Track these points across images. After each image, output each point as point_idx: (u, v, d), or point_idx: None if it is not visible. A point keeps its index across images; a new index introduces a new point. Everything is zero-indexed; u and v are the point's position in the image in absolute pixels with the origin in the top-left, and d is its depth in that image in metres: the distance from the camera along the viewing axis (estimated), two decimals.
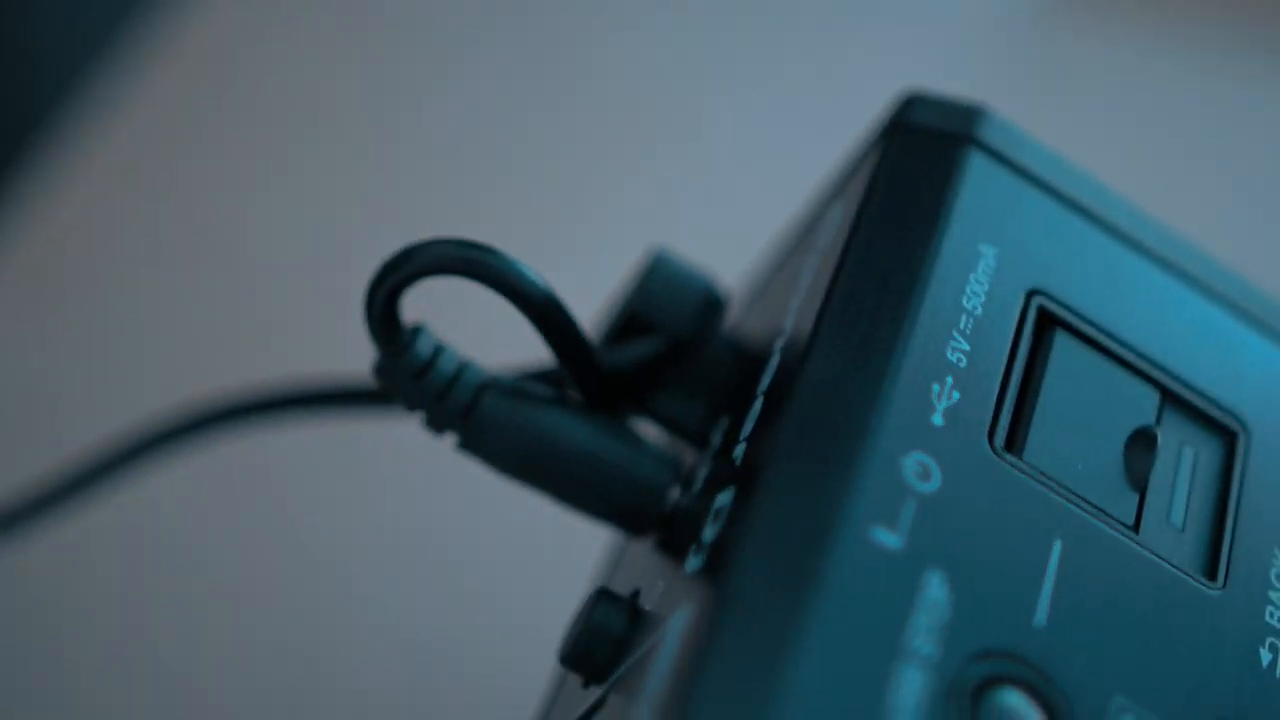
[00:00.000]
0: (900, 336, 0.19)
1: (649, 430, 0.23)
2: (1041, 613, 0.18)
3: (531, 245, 0.36)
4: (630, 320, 0.21)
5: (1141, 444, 0.20)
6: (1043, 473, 0.19)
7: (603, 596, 0.19)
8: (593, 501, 0.20)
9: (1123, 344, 0.20)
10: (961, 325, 0.19)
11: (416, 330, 0.20)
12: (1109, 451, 0.20)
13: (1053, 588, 0.18)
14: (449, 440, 0.20)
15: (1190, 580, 0.19)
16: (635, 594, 0.20)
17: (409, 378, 0.19)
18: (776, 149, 0.38)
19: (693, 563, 0.18)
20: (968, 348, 0.19)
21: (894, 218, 0.20)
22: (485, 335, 0.33)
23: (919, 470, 0.18)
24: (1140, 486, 0.19)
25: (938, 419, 0.18)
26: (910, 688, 0.17)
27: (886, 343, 0.18)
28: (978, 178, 0.20)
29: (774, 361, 0.20)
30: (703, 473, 0.20)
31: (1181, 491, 0.20)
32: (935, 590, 0.17)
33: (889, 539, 0.17)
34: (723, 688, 0.16)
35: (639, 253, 0.36)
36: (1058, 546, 0.18)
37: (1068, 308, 0.20)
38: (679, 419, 0.21)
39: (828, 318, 0.19)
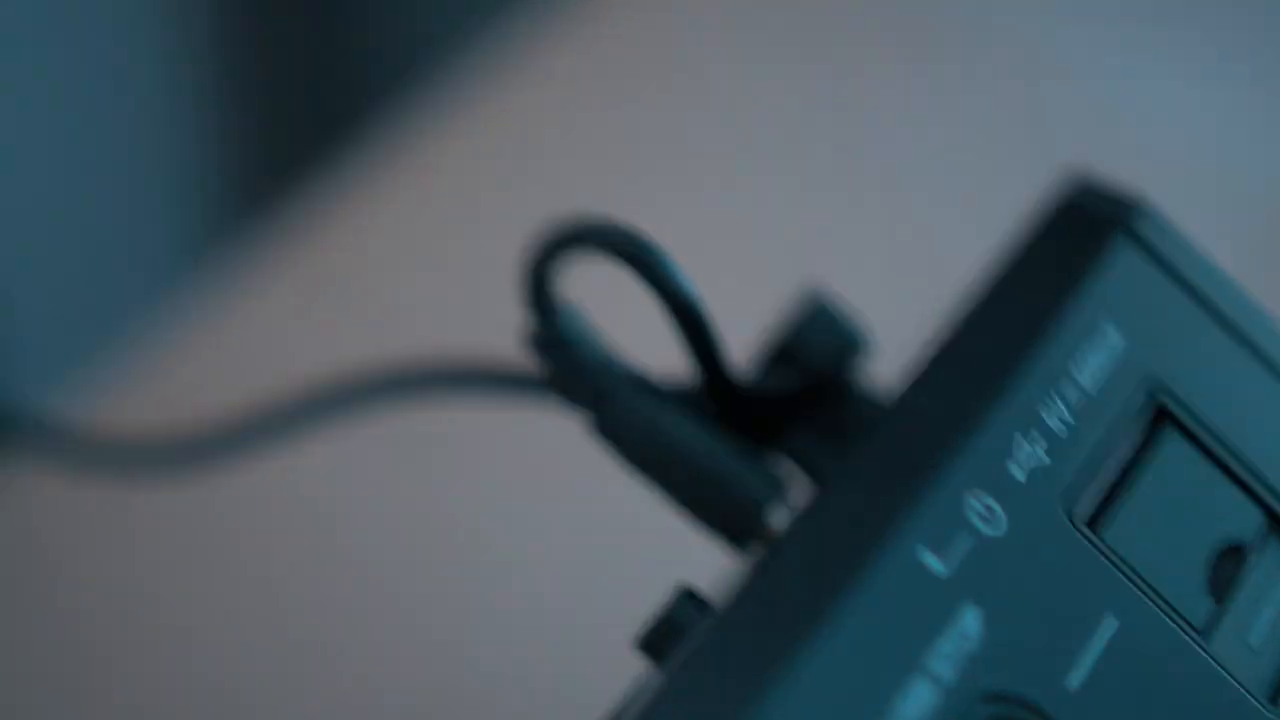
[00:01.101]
0: (1000, 385, 0.19)
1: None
2: (1077, 677, 0.18)
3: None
4: (781, 352, 0.22)
5: (1234, 558, 0.19)
6: (1117, 554, 0.19)
7: (682, 591, 0.20)
8: (699, 507, 0.21)
9: (1237, 457, 0.20)
10: (1068, 394, 0.19)
11: (570, 307, 0.21)
12: (1195, 556, 0.19)
13: (1096, 658, 0.18)
14: (581, 420, 0.21)
15: (1251, 699, 0.19)
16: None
17: (560, 348, 0.21)
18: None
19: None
20: (1070, 418, 0.19)
21: (1029, 281, 0.20)
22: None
23: (984, 512, 0.18)
24: (1221, 597, 0.19)
25: (1018, 473, 0.19)
26: (917, 702, 0.17)
27: (985, 387, 0.19)
28: (1120, 261, 0.20)
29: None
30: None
31: (1267, 615, 0.20)
32: (969, 623, 0.18)
33: (935, 564, 0.18)
34: (726, 665, 0.17)
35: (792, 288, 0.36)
36: (1114, 623, 0.18)
37: (1185, 406, 0.20)
38: (808, 456, 0.22)
39: (938, 356, 0.20)
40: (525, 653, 0.33)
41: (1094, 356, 0.20)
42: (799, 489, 0.22)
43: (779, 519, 0.21)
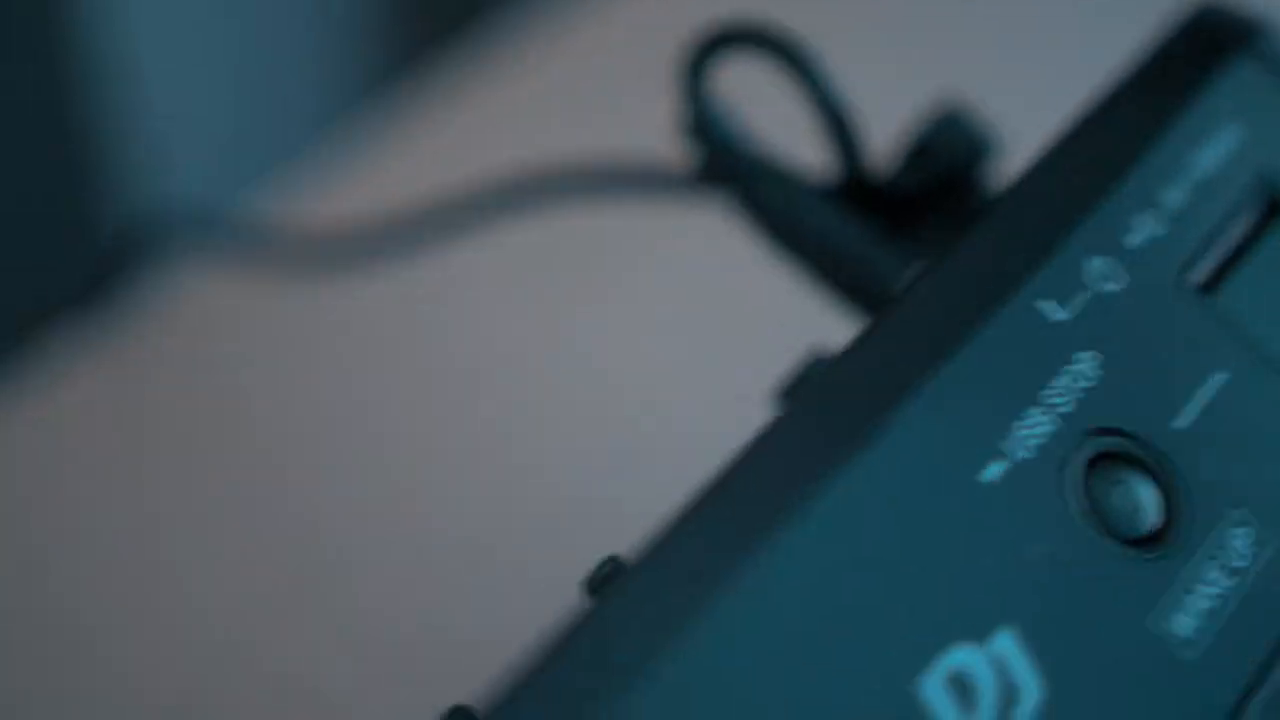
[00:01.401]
0: (1118, 165, 0.21)
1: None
2: (1185, 419, 0.20)
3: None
4: (916, 152, 0.24)
5: None
6: (1230, 316, 0.21)
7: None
8: (834, 278, 0.23)
9: None
10: (1186, 178, 0.21)
11: (724, 101, 0.24)
12: None
13: (1204, 405, 0.20)
14: (723, 194, 0.24)
15: None
16: None
17: (713, 133, 0.23)
18: None
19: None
20: (1187, 198, 0.21)
21: (1151, 85, 0.22)
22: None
23: (1104, 271, 0.20)
24: None
25: (1136, 240, 0.21)
26: (1034, 429, 0.19)
27: (1106, 164, 0.21)
28: (1243, 74, 0.22)
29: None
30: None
31: None
32: (1086, 364, 0.20)
33: (1054, 312, 0.20)
34: (850, 391, 0.19)
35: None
36: (1223, 377, 0.20)
37: None
38: (937, 246, 0.24)
39: (1062, 140, 0.22)
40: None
41: (1213, 148, 0.22)
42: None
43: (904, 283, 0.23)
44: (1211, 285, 0.21)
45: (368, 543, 0.35)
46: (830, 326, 0.36)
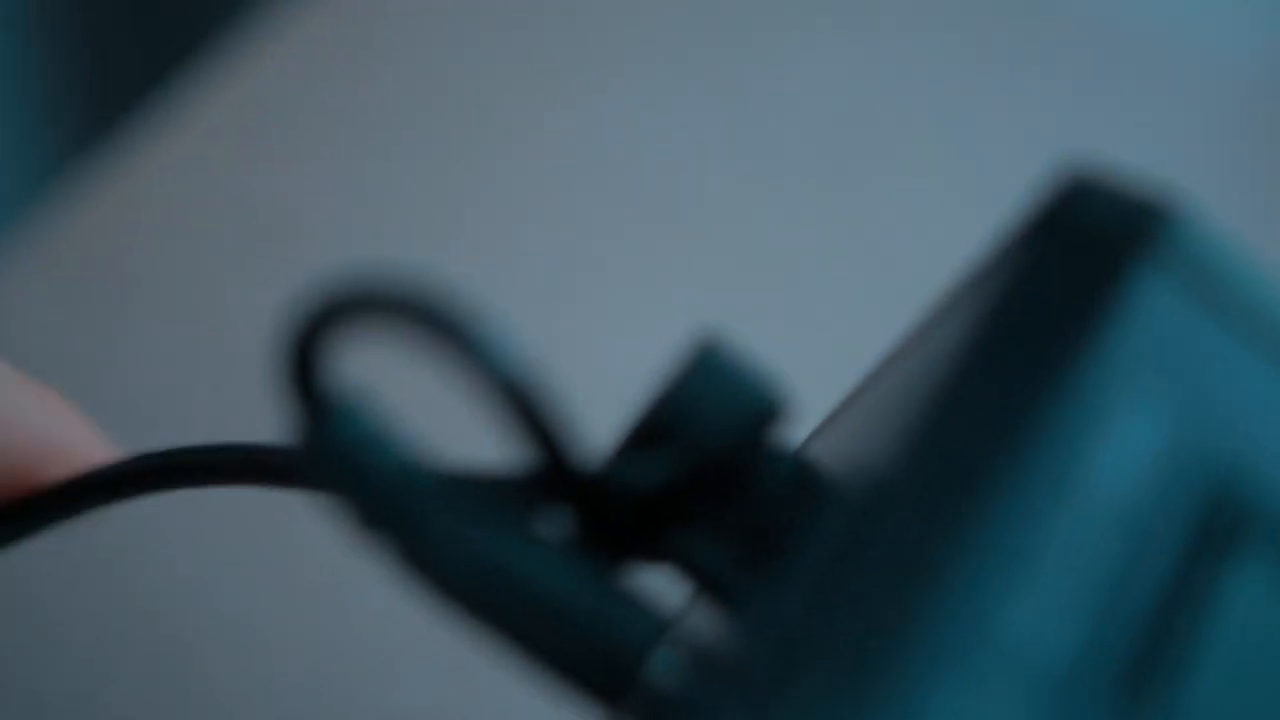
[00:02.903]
0: (979, 520, 0.13)
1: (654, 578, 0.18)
2: None
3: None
4: (657, 424, 0.15)
5: None
6: None
7: None
8: (549, 657, 0.15)
9: None
10: (1094, 513, 0.13)
11: (355, 399, 0.15)
12: None
13: None
14: (379, 546, 0.15)
15: None
16: None
17: (337, 460, 0.15)
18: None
19: None
20: (1095, 549, 0.13)
21: (1023, 346, 0.14)
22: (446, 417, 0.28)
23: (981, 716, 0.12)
24: None
25: (1023, 640, 0.13)
26: None
27: (958, 528, 0.13)
28: (1147, 303, 0.14)
29: (841, 503, 0.15)
30: (717, 640, 0.15)
31: None
32: None
33: None
34: None
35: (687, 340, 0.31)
36: None
37: (1264, 502, 0.14)
38: (706, 564, 0.16)
39: (902, 475, 0.14)
40: None
41: (1124, 455, 0.14)
42: (692, 608, 0.16)
43: (660, 667, 0.15)
44: (1156, 697, 0.13)
45: None
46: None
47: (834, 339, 0.32)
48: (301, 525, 0.30)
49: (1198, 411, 0.14)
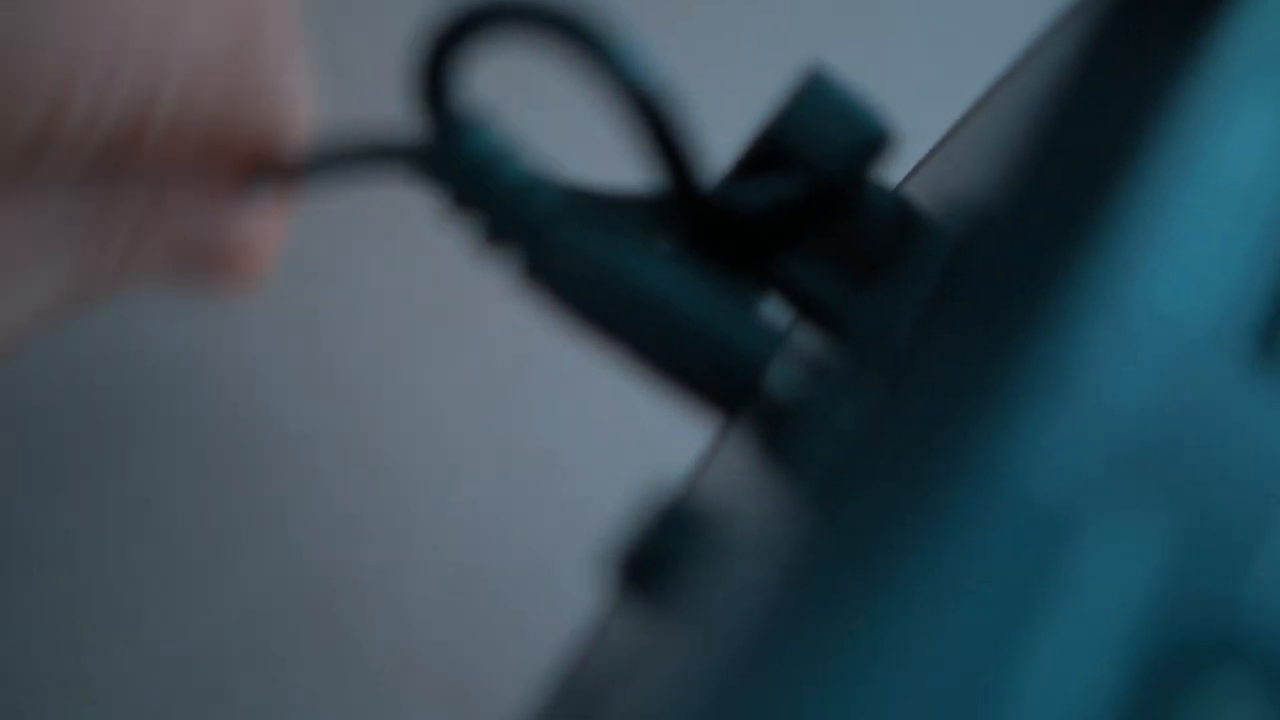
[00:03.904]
0: (1116, 202, 0.13)
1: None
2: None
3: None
4: (768, 150, 0.16)
5: None
6: None
7: (662, 502, 0.15)
8: (672, 368, 0.15)
9: None
10: (1214, 195, 0.14)
11: (484, 116, 0.15)
12: None
13: None
14: (505, 260, 0.16)
15: None
16: (706, 501, 0.15)
17: (469, 172, 0.15)
18: None
19: (795, 475, 0.13)
20: (1219, 224, 0.14)
21: (1134, 49, 0.14)
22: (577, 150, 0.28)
23: (1122, 380, 0.13)
24: None
25: (1163, 307, 0.13)
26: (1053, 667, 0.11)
27: (1096, 210, 0.13)
28: (1265, 8, 0.15)
29: (949, 230, 0.15)
30: (831, 360, 0.15)
31: None
32: (1124, 553, 0.12)
33: (1054, 478, 0.12)
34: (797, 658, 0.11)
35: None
36: None
37: None
38: (812, 289, 0.16)
39: (1023, 179, 0.14)
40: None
41: (1241, 142, 0.14)
42: (802, 333, 0.17)
43: (779, 379, 0.15)
44: (1275, 349, 0.13)
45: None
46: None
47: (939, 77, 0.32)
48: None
49: None
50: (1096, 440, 0.12)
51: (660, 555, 0.14)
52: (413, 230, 0.32)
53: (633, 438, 0.30)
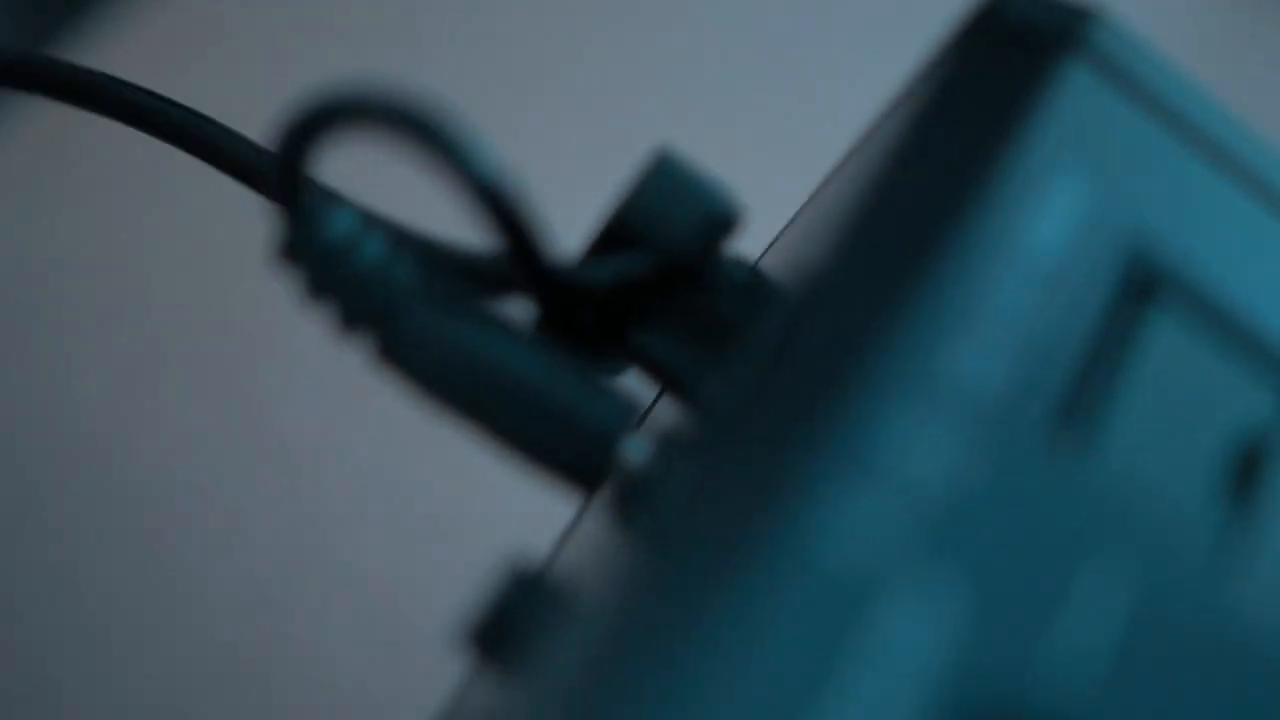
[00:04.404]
0: (927, 275, 0.14)
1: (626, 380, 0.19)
2: (1094, 672, 0.13)
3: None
4: (618, 229, 0.16)
5: (1253, 454, 0.15)
6: (1118, 467, 0.14)
7: (514, 575, 0.15)
8: (528, 445, 0.16)
9: (1247, 329, 0.15)
10: (1020, 270, 0.15)
11: (333, 200, 0.16)
12: (1206, 454, 0.15)
13: (1119, 632, 0.13)
14: (361, 346, 0.16)
15: None
16: (557, 571, 0.16)
17: (319, 260, 0.16)
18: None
19: (635, 547, 0.14)
20: (1026, 298, 0.14)
21: (957, 131, 0.15)
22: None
23: (924, 450, 0.13)
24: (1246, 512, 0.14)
25: (967, 378, 0.14)
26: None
27: (904, 283, 0.14)
28: (1074, 91, 0.15)
29: (786, 300, 0.16)
30: (681, 428, 0.16)
31: None
32: (921, 621, 0.13)
33: (851, 549, 0.13)
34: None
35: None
36: (1127, 569, 0.14)
37: (1175, 269, 0.15)
38: (665, 360, 0.17)
39: (842, 251, 0.15)
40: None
41: (1052, 221, 0.15)
42: (662, 404, 0.17)
43: (632, 451, 0.16)
44: (1080, 424, 0.14)
45: None
46: None
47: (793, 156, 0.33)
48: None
49: (1119, 186, 0.15)
50: (895, 511, 0.13)
51: (509, 621, 0.15)
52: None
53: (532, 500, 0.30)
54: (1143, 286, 0.15)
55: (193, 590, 0.30)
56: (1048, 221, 0.15)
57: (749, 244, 0.26)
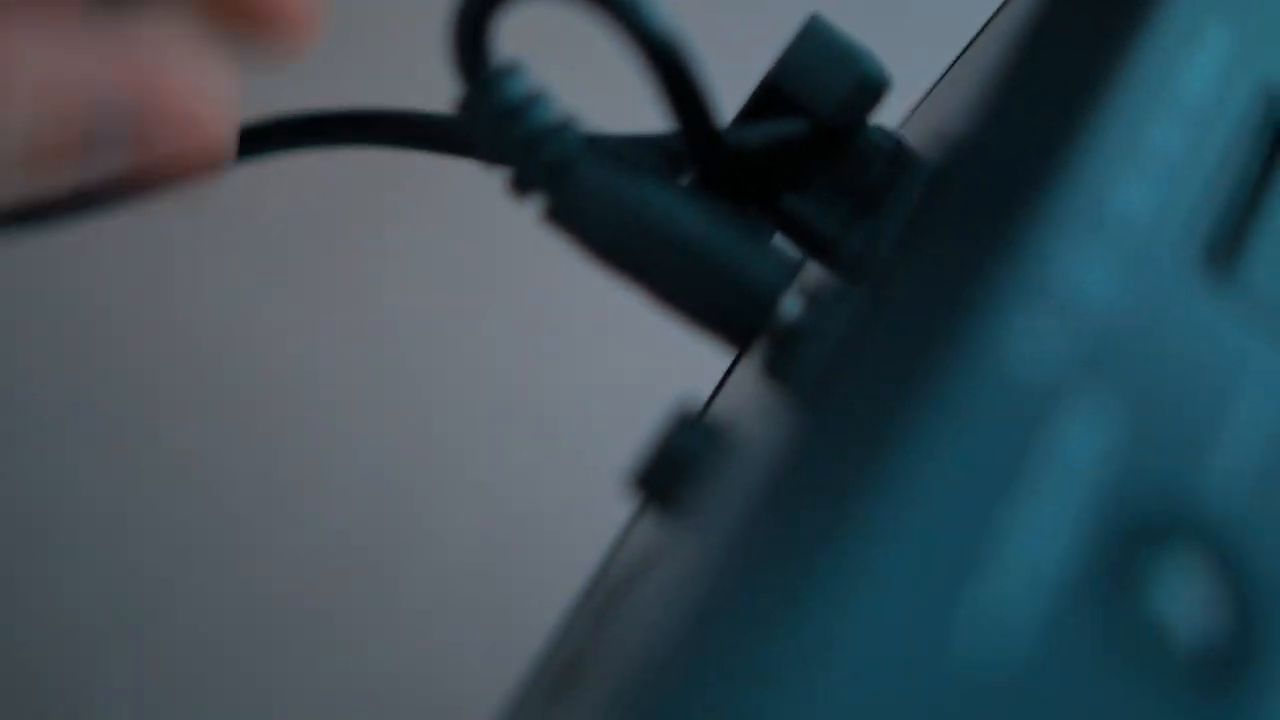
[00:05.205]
0: (1089, 118, 0.15)
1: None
2: (1242, 474, 0.14)
3: None
4: (771, 94, 0.17)
5: None
6: (1261, 297, 0.14)
7: (680, 420, 0.16)
8: (691, 300, 0.16)
9: None
10: (1177, 107, 0.15)
11: (511, 67, 0.17)
12: None
13: (1264, 442, 0.14)
14: (534, 204, 0.17)
15: None
16: (719, 420, 0.17)
17: (495, 119, 0.16)
18: None
19: (795, 386, 0.15)
20: (1178, 139, 0.15)
21: None
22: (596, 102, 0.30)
23: (1091, 278, 0.14)
24: None
25: (1127, 213, 0.14)
26: (1037, 540, 0.13)
27: (1067, 123, 0.14)
28: None
29: (937, 161, 0.16)
30: (829, 288, 0.16)
31: None
32: (1088, 430, 0.13)
33: (1029, 361, 0.13)
34: (788, 528, 0.12)
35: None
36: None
37: None
38: (812, 221, 0.17)
39: (1000, 101, 0.15)
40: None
41: (1200, 63, 0.15)
42: (807, 263, 0.18)
43: (790, 308, 0.16)
44: (1228, 256, 0.15)
45: None
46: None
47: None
48: None
49: (1257, 35, 0.16)
50: (1069, 331, 0.13)
51: (677, 464, 0.16)
52: (427, 194, 0.33)
53: (648, 393, 0.31)
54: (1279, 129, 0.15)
55: (312, 481, 0.31)
56: (1197, 68, 0.15)
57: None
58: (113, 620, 0.30)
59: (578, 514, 0.31)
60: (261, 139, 0.19)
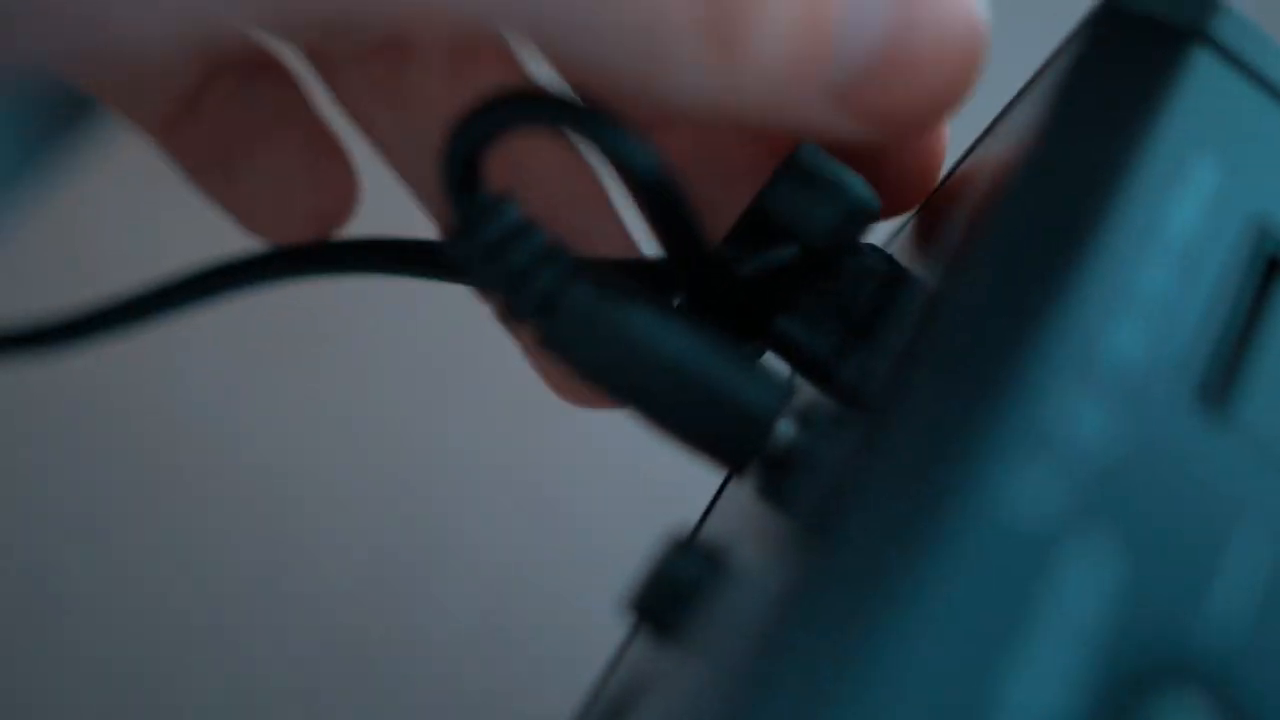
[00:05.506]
0: (1078, 258, 0.15)
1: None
2: (1244, 615, 0.14)
3: None
4: (761, 219, 0.17)
5: None
6: (1257, 434, 0.15)
7: (677, 545, 0.16)
8: (686, 425, 0.16)
9: None
10: (1164, 245, 0.15)
11: (500, 198, 0.17)
12: None
13: (1265, 583, 0.14)
14: (524, 333, 0.17)
15: None
16: (715, 545, 0.17)
17: (485, 253, 0.17)
18: None
19: (794, 514, 0.15)
20: (1168, 278, 0.15)
21: (1090, 120, 0.16)
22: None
23: (1087, 422, 0.14)
24: None
25: (1121, 356, 0.14)
26: (1040, 692, 0.13)
27: (1060, 265, 0.15)
28: (1203, 80, 0.16)
29: (927, 285, 0.16)
30: (822, 410, 0.16)
31: None
32: (1089, 577, 0.13)
33: (1030, 509, 0.13)
34: (798, 665, 0.13)
35: None
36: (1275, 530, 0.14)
37: None
38: (804, 342, 0.17)
39: (991, 236, 0.15)
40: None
41: (1187, 198, 0.16)
42: (799, 384, 0.18)
43: (784, 430, 0.17)
44: (1222, 393, 0.15)
45: None
46: None
47: None
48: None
49: (1246, 170, 0.16)
50: (1064, 476, 0.13)
51: (672, 589, 0.16)
52: (424, 287, 0.33)
53: (645, 485, 0.31)
54: (1271, 263, 0.16)
55: (312, 571, 0.31)
56: (1184, 204, 0.15)
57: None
58: (104, 709, 0.30)
59: (576, 592, 0.31)
60: (263, 268, 0.20)
